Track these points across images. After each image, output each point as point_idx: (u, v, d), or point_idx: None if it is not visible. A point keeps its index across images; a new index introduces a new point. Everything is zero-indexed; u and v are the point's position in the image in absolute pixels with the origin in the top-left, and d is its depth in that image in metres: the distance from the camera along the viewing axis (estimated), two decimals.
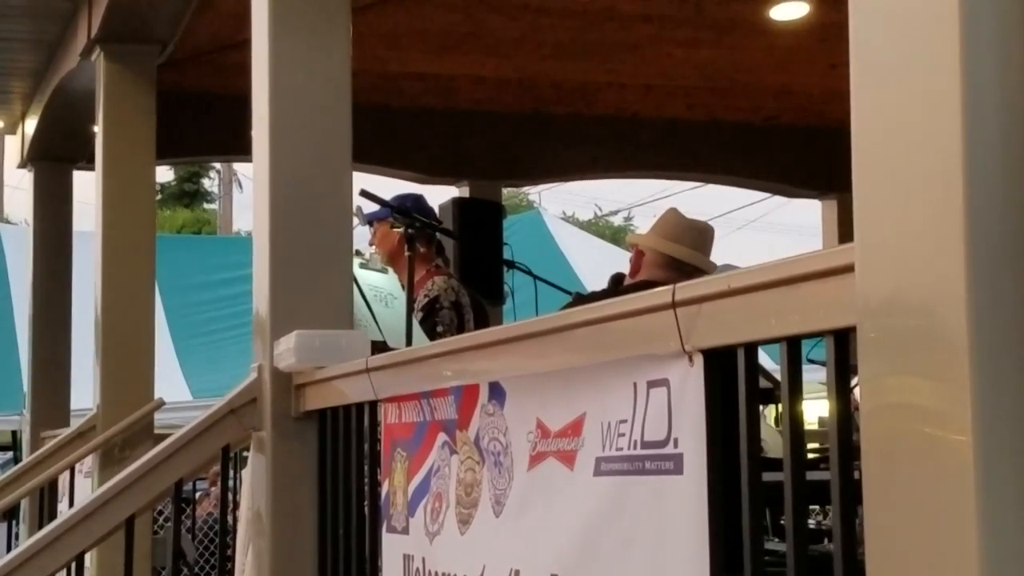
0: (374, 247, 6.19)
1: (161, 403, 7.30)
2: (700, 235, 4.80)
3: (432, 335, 5.73)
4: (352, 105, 4.61)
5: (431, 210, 6.46)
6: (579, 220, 35.52)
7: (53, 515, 7.27)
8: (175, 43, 7.64)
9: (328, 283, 4.50)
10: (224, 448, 4.53)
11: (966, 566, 1.60)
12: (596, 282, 9.47)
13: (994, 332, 1.61)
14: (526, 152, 9.95)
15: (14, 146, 10.54)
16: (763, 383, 2.43)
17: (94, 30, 7.51)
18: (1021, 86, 1.65)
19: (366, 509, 3.91)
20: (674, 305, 2.27)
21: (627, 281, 4.85)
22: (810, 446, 5.16)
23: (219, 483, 5.59)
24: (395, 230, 5.97)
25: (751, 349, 2.19)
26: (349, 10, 4.69)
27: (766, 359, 2.63)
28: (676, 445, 2.32)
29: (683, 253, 4.70)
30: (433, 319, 5.98)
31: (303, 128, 4.56)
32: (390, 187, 8.23)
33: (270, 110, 4.56)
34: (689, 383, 2.28)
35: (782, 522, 2.16)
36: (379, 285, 5.64)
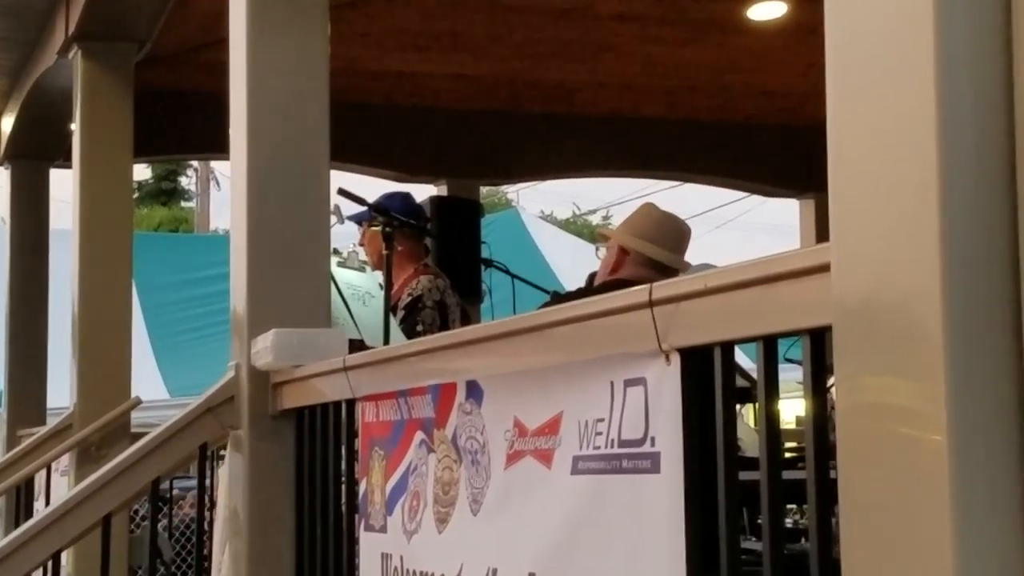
0: (363, 247, 6.16)
1: (138, 401, 7.28)
2: (680, 236, 4.79)
3: (412, 334, 5.72)
4: (330, 103, 4.60)
5: (420, 209, 6.44)
6: (557, 219, 35.47)
7: (29, 514, 7.24)
8: (153, 41, 7.62)
9: (306, 281, 4.50)
10: (201, 447, 4.53)
11: (941, 565, 1.61)
12: (574, 281, 9.47)
13: (969, 331, 1.62)
14: (504, 151, 9.94)
15: None
16: (740, 382, 2.44)
17: (71, 28, 7.49)
18: (996, 86, 1.65)
19: (343, 508, 3.91)
20: (651, 304, 2.27)
21: (605, 277, 4.76)
22: (787, 445, 5.17)
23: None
24: (373, 228, 5.96)
25: (728, 348, 2.19)
26: (327, 8, 4.68)
27: (743, 358, 2.64)
28: (653, 444, 2.32)
29: (667, 257, 4.67)
30: (414, 318, 5.96)
31: (281, 126, 4.56)
32: (369, 186, 8.24)
33: (248, 108, 4.55)
34: (666, 382, 2.29)
35: (759, 521, 2.16)
36: (357, 283, 5.64)
